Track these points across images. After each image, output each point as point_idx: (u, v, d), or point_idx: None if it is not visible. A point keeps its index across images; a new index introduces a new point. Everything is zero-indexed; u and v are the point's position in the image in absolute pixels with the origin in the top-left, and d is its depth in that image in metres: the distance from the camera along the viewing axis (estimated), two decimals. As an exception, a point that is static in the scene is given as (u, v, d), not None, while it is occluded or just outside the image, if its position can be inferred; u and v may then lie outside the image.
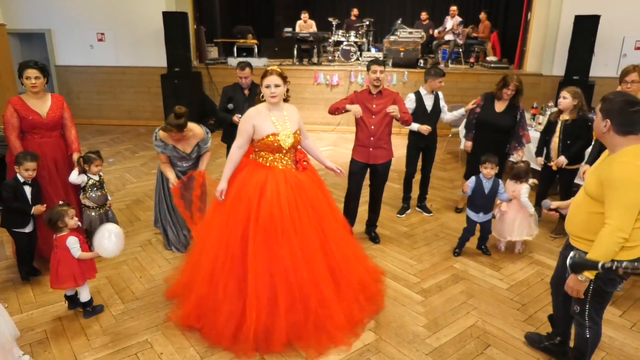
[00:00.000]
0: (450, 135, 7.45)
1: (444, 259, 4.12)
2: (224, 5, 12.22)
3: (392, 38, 9.72)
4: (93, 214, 3.93)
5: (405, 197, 5.14)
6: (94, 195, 3.93)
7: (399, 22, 10.09)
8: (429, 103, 4.70)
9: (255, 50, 10.39)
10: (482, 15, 10.78)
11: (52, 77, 9.62)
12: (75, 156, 3.94)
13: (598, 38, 7.65)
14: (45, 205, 3.53)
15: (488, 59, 10.09)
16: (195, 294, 2.99)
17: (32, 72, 3.60)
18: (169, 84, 8.58)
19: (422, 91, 4.73)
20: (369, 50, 10.71)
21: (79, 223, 3.35)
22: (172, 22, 8.36)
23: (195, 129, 4.04)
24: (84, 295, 3.21)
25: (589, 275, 2.22)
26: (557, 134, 4.23)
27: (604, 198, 2.18)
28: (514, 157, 4.60)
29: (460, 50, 10.30)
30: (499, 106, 4.50)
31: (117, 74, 9.37)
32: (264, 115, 2.97)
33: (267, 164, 3.02)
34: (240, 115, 4.53)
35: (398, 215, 5.05)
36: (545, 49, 8.65)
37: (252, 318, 2.76)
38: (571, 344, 2.73)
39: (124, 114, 9.57)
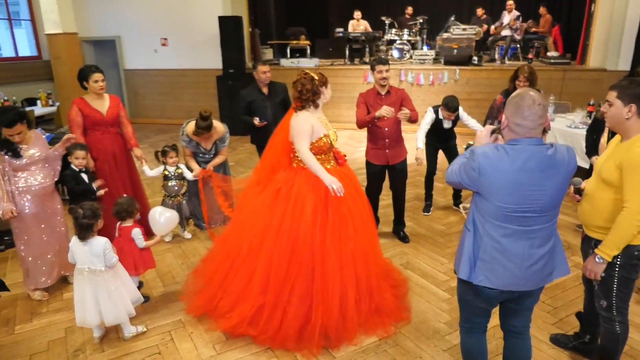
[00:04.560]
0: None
1: (477, 258, 4.05)
2: (278, 8, 12.57)
3: (445, 35, 9.55)
4: (168, 201, 4.34)
5: (427, 194, 5.13)
6: (169, 184, 4.31)
7: (452, 18, 9.90)
8: (447, 126, 4.76)
9: (308, 50, 10.61)
10: (542, 10, 10.29)
11: (121, 80, 10.42)
12: (136, 151, 4.29)
13: (669, 29, 7.09)
14: (106, 189, 3.85)
15: (549, 54, 9.63)
16: (252, 304, 2.95)
17: (99, 76, 3.97)
18: (223, 85, 9.00)
19: (440, 115, 4.69)
20: (421, 48, 10.58)
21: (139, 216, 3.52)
22: (227, 25, 8.77)
23: (218, 127, 4.36)
24: (135, 281, 3.42)
25: (606, 257, 2.23)
26: (606, 132, 3.99)
27: (622, 183, 2.18)
28: None
29: (518, 45, 9.90)
30: None
31: (178, 76, 9.97)
32: (314, 117, 3.08)
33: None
34: (258, 118, 4.69)
35: (424, 213, 5.05)
36: (609, 42, 8.12)
37: (318, 316, 2.87)
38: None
39: (183, 114, 10.08)
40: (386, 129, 4.09)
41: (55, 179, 3.57)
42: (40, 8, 7.08)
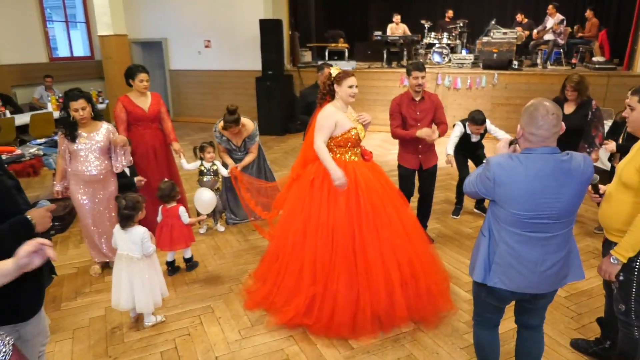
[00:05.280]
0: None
1: (503, 262, 4.05)
2: (319, 11, 12.77)
3: (485, 39, 9.46)
4: None
5: (458, 199, 5.17)
6: (204, 179, 4.53)
7: (493, 22, 9.78)
8: (475, 139, 4.82)
9: (346, 53, 10.74)
10: (589, 13, 9.98)
11: (166, 80, 10.89)
12: (174, 145, 4.53)
13: None
14: (144, 180, 4.12)
15: (594, 59, 9.33)
16: (304, 296, 3.09)
17: (145, 76, 4.24)
18: (262, 86, 9.26)
19: (468, 130, 4.75)
20: (461, 52, 10.50)
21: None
22: (268, 28, 9.02)
23: (247, 124, 4.53)
24: (189, 253, 3.95)
25: (621, 258, 2.23)
26: (623, 135, 3.95)
27: None
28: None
29: (562, 50, 9.65)
30: (568, 108, 4.36)
31: (219, 77, 10.33)
32: (341, 113, 3.19)
33: (347, 159, 3.22)
34: None
35: (453, 216, 5.08)
36: (659, 47, 7.81)
37: (367, 302, 3.00)
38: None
39: (223, 113, 10.48)
40: None
41: (117, 172, 3.85)
42: (94, 11, 7.54)
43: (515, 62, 9.14)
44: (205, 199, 3.95)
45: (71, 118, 3.51)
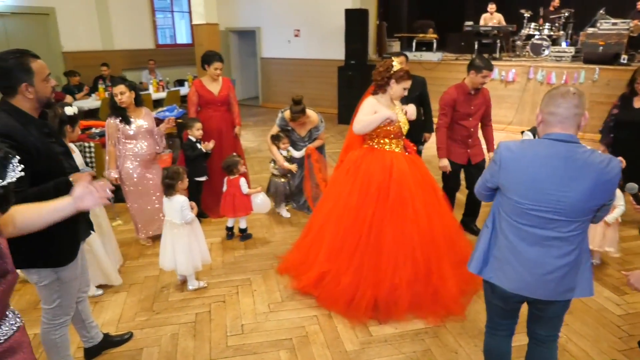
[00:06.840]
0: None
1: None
2: (412, 1, 12.48)
3: (591, 30, 8.58)
4: (277, 180, 4.80)
5: None
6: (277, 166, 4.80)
7: (601, 11, 8.84)
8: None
9: (434, 44, 10.42)
10: None
11: (257, 67, 11.46)
12: (237, 129, 4.85)
13: None
14: (213, 142, 4.51)
15: None
16: (317, 269, 3.33)
17: (219, 65, 4.57)
18: (344, 75, 9.36)
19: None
20: (560, 44, 9.65)
21: (244, 169, 4.37)
22: (353, 18, 9.06)
23: (312, 116, 4.60)
24: (244, 224, 4.35)
25: None
26: None
27: None
28: None
29: (686, 44, 8.44)
30: (638, 102, 4.07)
31: (305, 66, 10.63)
32: (385, 105, 3.26)
33: (387, 148, 3.30)
34: None
35: None
36: None
37: (366, 289, 3.11)
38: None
39: (307, 102, 10.44)
40: (472, 129, 4.05)
41: (159, 152, 4.23)
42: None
43: (625, 57, 8.16)
44: (259, 201, 4.25)
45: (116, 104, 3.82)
